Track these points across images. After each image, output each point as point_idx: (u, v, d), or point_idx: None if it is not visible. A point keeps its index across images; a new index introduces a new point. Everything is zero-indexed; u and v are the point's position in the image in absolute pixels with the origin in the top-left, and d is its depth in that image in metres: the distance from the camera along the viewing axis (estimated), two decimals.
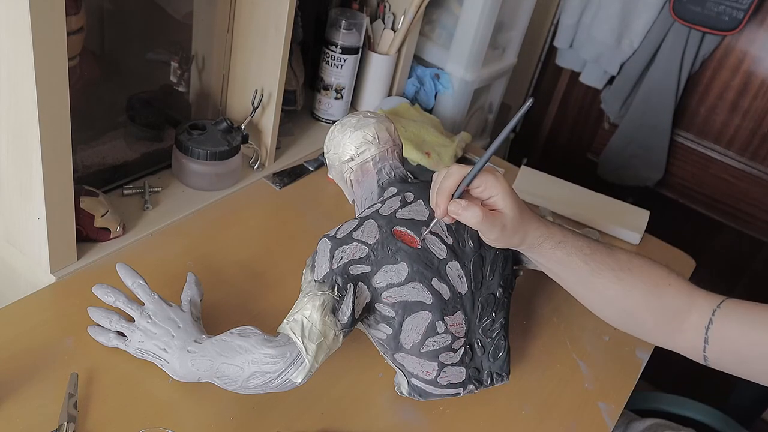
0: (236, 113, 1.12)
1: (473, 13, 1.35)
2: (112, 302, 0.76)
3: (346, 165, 0.83)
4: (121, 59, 1.05)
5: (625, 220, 1.21)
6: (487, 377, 0.79)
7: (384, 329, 0.74)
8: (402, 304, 0.73)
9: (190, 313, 0.76)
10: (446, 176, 0.71)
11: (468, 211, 0.69)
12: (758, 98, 1.53)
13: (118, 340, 0.76)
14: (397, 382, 0.80)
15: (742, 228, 1.67)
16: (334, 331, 0.68)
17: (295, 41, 1.19)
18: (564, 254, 0.74)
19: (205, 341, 0.71)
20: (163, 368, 0.74)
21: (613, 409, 0.87)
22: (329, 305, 0.69)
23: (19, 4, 0.66)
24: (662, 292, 0.75)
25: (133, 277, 0.78)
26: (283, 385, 0.68)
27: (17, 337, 0.77)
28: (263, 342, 0.68)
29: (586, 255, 0.75)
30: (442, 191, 0.71)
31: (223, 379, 0.69)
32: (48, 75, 0.71)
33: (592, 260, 0.75)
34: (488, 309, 0.78)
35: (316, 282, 0.71)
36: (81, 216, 0.87)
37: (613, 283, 0.75)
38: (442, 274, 0.74)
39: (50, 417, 0.68)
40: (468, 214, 0.69)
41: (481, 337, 0.78)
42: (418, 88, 1.44)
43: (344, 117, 0.84)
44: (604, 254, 0.75)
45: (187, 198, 1.03)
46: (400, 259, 0.73)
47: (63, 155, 0.78)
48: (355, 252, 0.73)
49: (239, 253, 0.96)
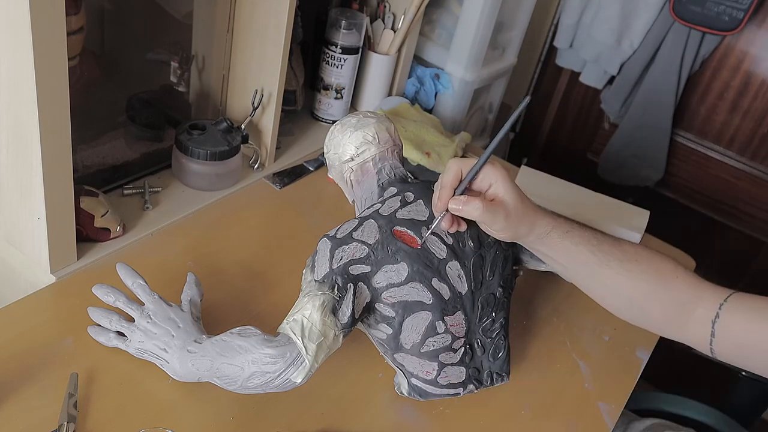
0: (236, 113, 1.12)
1: (473, 13, 1.35)
2: (112, 302, 0.76)
3: (346, 165, 0.83)
4: (121, 59, 1.04)
5: (625, 220, 1.20)
6: (487, 377, 0.79)
7: (384, 329, 0.74)
8: (402, 304, 0.73)
9: (190, 313, 0.76)
10: (445, 171, 0.72)
11: (468, 204, 0.69)
12: (758, 98, 1.53)
13: (118, 340, 0.76)
14: (397, 382, 0.80)
15: (742, 228, 1.67)
16: (334, 331, 0.68)
17: (295, 41, 1.19)
18: (572, 244, 0.74)
19: (205, 341, 0.71)
20: (163, 368, 0.74)
21: (613, 409, 0.87)
22: (329, 305, 0.69)
23: (19, 4, 0.66)
24: (670, 284, 0.75)
25: (133, 277, 0.78)
26: (283, 385, 0.68)
27: (17, 337, 0.77)
28: (263, 342, 0.68)
29: (594, 245, 0.75)
30: (443, 186, 0.71)
31: (223, 379, 0.69)
32: (48, 75, 0.71)
33: (600, 251, 0.75)
34: (488, 309, 0.78)
35: (316, 282, 0.71)
36: (81, 216, 0.87)
37: (621, 273, 0.75)
38: (442, 274, 0.74)
39: (50, 417, 0.68)
40: (469, 207, 0.69)
41: (481, 337, 0.78)
42: (418, 88, 1.44)
43: (344, 117, 0.84)
44: (611, 245, 0.75)
45: (187, 198, 1.03)
46: (400, 259, 0.73)
47: (63, 155, 0.78)
48: (355, 252, 0.73)
49: (239, 253, 0.96)
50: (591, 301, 1.02)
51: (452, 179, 0.71)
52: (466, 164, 0.72)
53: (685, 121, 1.64)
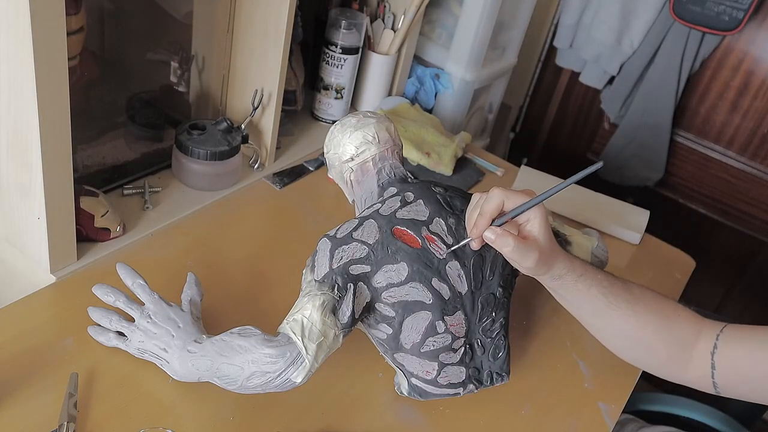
0: (236, 113, 1.12)
1: (473, 13, 1.35)
2: (112, 302, 0.76)
3: (346, 165, 0.83)
4: (121, 59, 1.05)
5: (625, 220, 1.20)
6: (487, 377, 0.79)
7: (384, 329, 0.74)
8: (402, 304, 0.73)
9: (190, 312, 0.76)
10: (488, 199, 0.71)
11: (502, 239, 0.69)
12: (758, 98, 1.53)
13: (118, 340, 0.76)
14: (397, 382, 0.80)
15: (742, 228, 1.67)
16: (334, 331, 0.68)
17: (295, 41, 1.19)
18: (585, 287, 0.75)
19: (205, 341, 0.71)
20: (163, 368, 0.74)
21: (613, 409, 0.87)
22: (329, 305, 0.69)
23: (19, 4, 0.66)
24: (673, 324, 0.77)
25: (133, 277, 0.78)
26: (283, 384, 0.68)
27: (17, 336, 0.77)
28: (263, 342, 0.68)
29: (605, 288, 0.76)
30: (483, 214, 0.70)
31: (223, 379, 0.69)
32: (48, 75, 0.71)
33: (610, 293, 0.76)
34: (488, 309, 0.78)
35: (316, 282, 0.71)
36: (81, 216, 0.87)
37: (629, 315, 0.76)
38: (442, 274, 0.74)
39: (50, 417, 0.68)
40: (501, 241, 0.69)
41: (481, 337, 0.78)
42: (418, 88, 1.44)
43: (344, 117, 0.84)
44: (620, 288, 0.77)
45: (187, 198, 1.03)
46: (400, 259, 0.73)
47: (63, 155, 0.78)
48: (355, 252, 0.73)
49: (239, 253, 0.96)
50: None
51: (493, 209, 0.70)
52: (510, 198, 0.70)
53: (685, 121, 1.64)
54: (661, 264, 1.16)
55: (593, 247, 0.91)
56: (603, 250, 0.93)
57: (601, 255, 0.92)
